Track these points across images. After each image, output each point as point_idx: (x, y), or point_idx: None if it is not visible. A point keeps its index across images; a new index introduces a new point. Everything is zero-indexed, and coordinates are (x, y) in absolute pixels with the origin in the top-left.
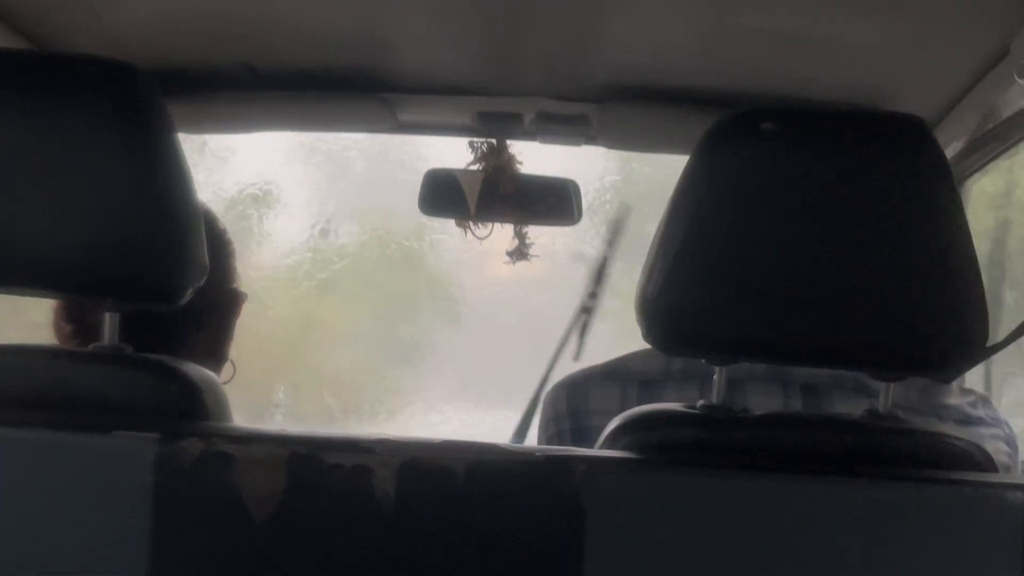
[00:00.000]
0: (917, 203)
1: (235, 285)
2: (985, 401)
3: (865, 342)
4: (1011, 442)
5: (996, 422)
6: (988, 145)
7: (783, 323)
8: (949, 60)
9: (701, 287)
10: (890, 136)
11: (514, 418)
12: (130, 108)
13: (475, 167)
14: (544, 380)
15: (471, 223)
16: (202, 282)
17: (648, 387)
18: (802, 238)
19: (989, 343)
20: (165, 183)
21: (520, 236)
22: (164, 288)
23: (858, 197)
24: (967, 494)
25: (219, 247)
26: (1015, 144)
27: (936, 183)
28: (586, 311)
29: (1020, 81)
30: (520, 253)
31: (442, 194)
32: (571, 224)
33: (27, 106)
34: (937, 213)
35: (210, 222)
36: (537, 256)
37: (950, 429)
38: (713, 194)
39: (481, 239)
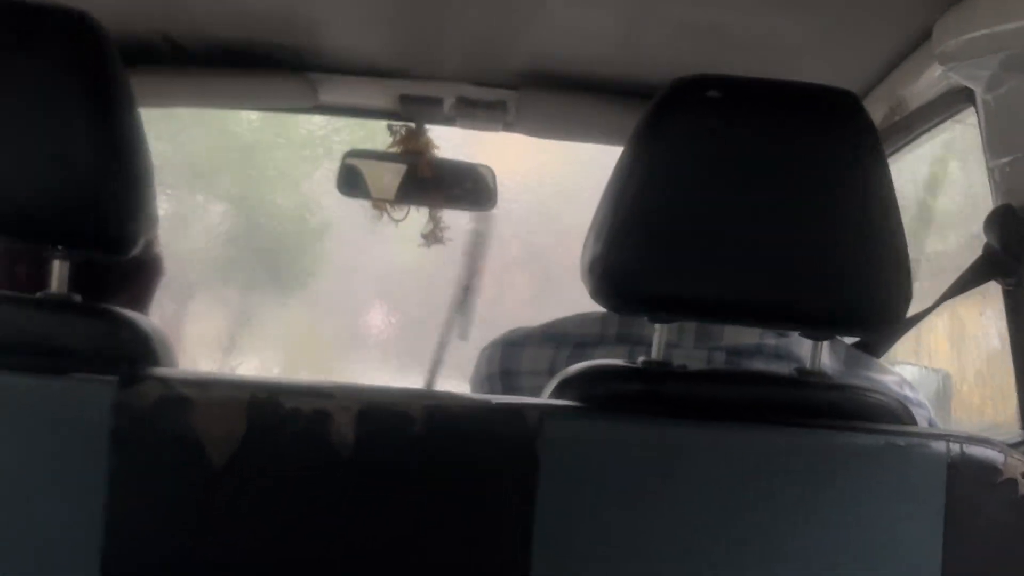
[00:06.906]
0: (850, 171)
1: (158, 251)
2: (909, 384)
3: (799, 302)
4: (933, 424)
5: (919, 403)
6: (892, 136)
7: (722, 283)
8: (867, 48)
9: (646, 248)
10: (826, 106)
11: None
12: (89, 56)
13: (394, 150)
14: (436, 361)
15: (388, 205)
16: (152, 234)
17: (581, 349)
18: (742, 202)
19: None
20: (121, 134)
21: (435, 220)
22: (116, 238)
23: (795, 164)
24: (895, 444)
25: None
26: (918, 136)
27: (867, 153)
28: (465, 290)
29: (942, 67)
30: (435, 236)
31: (360, 176)
32: (487, 209)
33: None
34: (868, 182)
35: None
36: (451, 240)
37: None
38: (659, 157)
39: (397, 221)
